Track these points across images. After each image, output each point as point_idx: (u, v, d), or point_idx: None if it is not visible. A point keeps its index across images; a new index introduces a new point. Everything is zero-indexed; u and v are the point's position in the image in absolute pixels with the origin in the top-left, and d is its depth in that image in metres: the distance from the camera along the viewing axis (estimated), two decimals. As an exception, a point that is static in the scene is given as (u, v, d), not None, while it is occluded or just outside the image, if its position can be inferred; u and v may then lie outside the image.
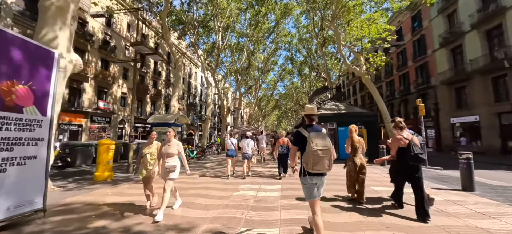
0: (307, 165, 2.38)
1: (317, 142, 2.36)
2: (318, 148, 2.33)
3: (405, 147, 3.45)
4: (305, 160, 2.39)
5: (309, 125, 2.65)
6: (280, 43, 27.72)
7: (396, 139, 3.56)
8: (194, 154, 12.62)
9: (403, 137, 3.50)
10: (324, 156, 2.34)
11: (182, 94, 34.95)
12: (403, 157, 3.51)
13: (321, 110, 12.48)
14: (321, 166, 2.35)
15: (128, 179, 7.20)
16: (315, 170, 2.37)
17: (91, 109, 18.43)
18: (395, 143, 3.58)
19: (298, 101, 42.90)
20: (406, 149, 3.44)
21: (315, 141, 2.36)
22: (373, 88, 11.86)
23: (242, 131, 24.41)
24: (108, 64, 20.95)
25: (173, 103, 12.46)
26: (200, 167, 9.77)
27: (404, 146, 3.46)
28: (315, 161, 2.34)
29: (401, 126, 3.64)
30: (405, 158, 3.46)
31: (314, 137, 2.39)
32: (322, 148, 2.34)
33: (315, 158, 2.33)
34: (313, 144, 2.34)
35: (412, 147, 3.37)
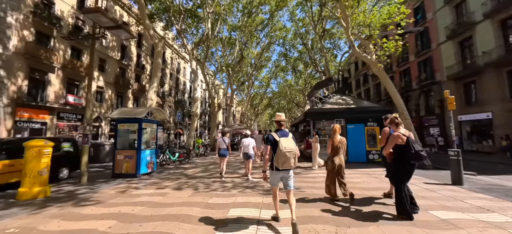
0: (278, 163, 3.01)
1: (285, 145, 3.00)
2: (286, 150, 2.97)
3: (403, 144, 3.25)
4: (276, 159, 3.02)
5: (278, 129, 3.30)
6: (274, 38, 26.10)
7: (394, 136, 3.33)
8: (176, 156, 10.54)
9: (401, 134, 3.31)
10: (291, 156, 2.99)
11: (169, 90, 32.48)
12: (402, 155, 3.29)
13: (326, 105, 10.70)
14: (288, 164, 3.00)
15: (71, 196, 5.07)
16: (283, 167, 3.01)
17: (58, 104, 15.88)
18: (392, 141, 3.33)
19: (292, 99, 41.48)
20: (405, 147, 3.24)
21: (283, 144, 2.99)
22: (386, 79, 10.20)
23: (235, 130, 22.46)
24: (80, 53, 18.35)
25: (150, 96, 10.31)
26: (180, 174, 7.74)
27: (402, 143, 3.26)
28: (283, 160, 2.97)
29: (397, 122, 3.47)
30: (405, 156, 3.25)
31: (283, 141, 3.03)
32: (289, 150, 2.98)
33: (284, 158, 2.97)
34: (282, 147, 2.97)
35: (411, 144, 3.18)
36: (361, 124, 10.02)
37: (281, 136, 3.10)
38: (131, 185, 6.01)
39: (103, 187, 5.88)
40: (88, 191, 5.39)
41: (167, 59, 32.18)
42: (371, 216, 3.45)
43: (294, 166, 3.03)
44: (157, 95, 26.18)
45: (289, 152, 2.96)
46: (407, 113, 9.62)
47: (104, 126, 20.29)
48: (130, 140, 7.47)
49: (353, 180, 6.16)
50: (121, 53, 22.65)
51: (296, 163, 3.05)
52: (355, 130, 10.01)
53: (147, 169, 7.52)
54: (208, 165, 10.03)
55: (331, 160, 4.25)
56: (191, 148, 14.63)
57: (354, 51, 10.59)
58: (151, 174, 7.73)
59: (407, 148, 3.19)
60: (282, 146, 2.96)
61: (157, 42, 11.32)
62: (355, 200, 4.07)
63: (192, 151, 13.51)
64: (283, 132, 3.20)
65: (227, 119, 27.42)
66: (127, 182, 6.39)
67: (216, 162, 11.30)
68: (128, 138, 7.51)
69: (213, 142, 21.12)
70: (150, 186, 5.87)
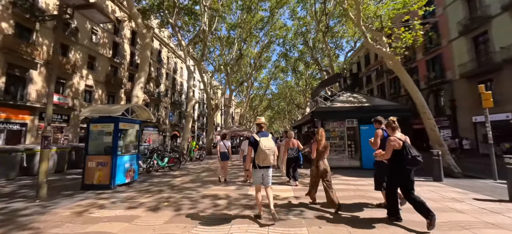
0: (258, 161, 3.37)
1: (265, 144, 3.37)
2: (266, 148, 3.34)
3: (399, 149, 3.14)
4: (257, 157, 3.38)
5: (259, 131, 3.67)
6: (274, 37, 25.05)
7: (389, 142, 3.20)
8: (165, 162, 9.25)
9: (397, 138, 3.19)
10: (270, 153, 3.35)
11: (165, 90, 31.22)
12: (398, 160, 3.16)
13: (336, 103, 9.47)
14: (267, 161, 3.36)
15: (9, 219, 3.77)
16: (263, 164, 3.37)
17: (40, 103, 14.57)
18: (390, 146, 3.18)
19: (293, 100, 40.36)
20: (400, 152, 3.13)
21: (263, 143, 3.37)
22: (403, 73, 8.99)
23: (233, 132, 21.18)
24: (67, 49, 17.09)
25: (136, 93, 9.06)
26: (166, 184, 6.45)
27: (398, 148, 3.13)
28: (263, 157, 3.34)
29: (394, 126, 3.32)
30: (400, 161, 3.13)
31: (263, 140, 3.40)
32: (268, 147, 3.35)
33: (264, 155, 3.33)
34: (262, 145, 3.35)
35: (408, 149, 3.09)
36: (376, 124, 8.78)
37: (261, 136, 3.49)
38: (98, 201, 4.73)
39: (62, 203, 4.60)
40: (36, 211, 4.11)
41: (163, 59, 30.97)
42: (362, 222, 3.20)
43: (273, 163, 3.41)
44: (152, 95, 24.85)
45: (268, 149, 3.34)
46: (429, 111, 8.41)
47: (93, 128, 18.96)
48: (106, 143, 6.18)
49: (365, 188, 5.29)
50: (113, 51, 21.41)
51: (275, 160, 3.42)
52: (370, 131, 8.76)
53: (125, 179, 6.24)
54: (201, 172, 8.74)
55: (315, 165, 4.12)
56: (184, 151, 13.34)
57: (366, 43, 9.39)
58: (131, 184, 6.44)
59: (403, 153, 3.09)
60: (262, 144, 3.34)
61: (145, 32, 10.13)
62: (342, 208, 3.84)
63: (185, 155, 12.22)
64: (263, 133, 3.61)
65: (226, 121, 26.14)
66: (95, 197, 5.11)
67: (211, 168, 10.03)
68: (102, 141, 6.22)
69: (210, 145, 19.86)
70: (121, 202, 4.60)
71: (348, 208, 4.01)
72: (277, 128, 65.46)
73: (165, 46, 30.65)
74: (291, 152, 6.29)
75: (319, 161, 4.06)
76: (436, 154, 6.47)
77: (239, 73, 27.62)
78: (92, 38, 19.17)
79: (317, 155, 4.06)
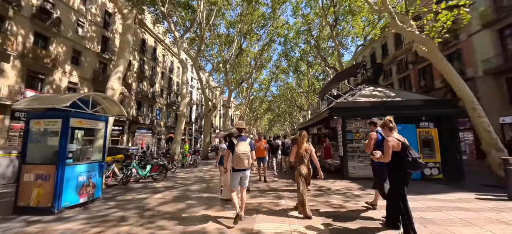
0: (234, 164, 3.59)
1: (240, 148, 3.56)
2: (241, 152, 3.53)
3: (398, 151, 2.89)
4: (233, 160, 3.60)
5: (238, 135, 3.75)
6: (276, 36, 23.59)
7: (387, 144, 2.92)
8: (147, 170, 7.44)
9: (395, 139, 2.94)
10: (244, 157, 3.54)
11: (161, 90, 29.45)
12: (397, 163, 2.90)
13: (358, 98, 7.73)
14: (242, 164, 3.54)
15: None
16: (238, 167, 3.56)
17: (12, 101, 12.75)
18: (389, 147, 2.90)
19: (295, 102, 38.78)
20: (399, 154, 2.89)
21: (239, 147, 3.56)
22: (442, 60, 7.33)
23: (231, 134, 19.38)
24: (48, 41, 15.34)
25: (111, 84, 7.29)
26: (137, 205, 4.66)
27: (397, 149, 2.90)
28: (238, 161, 3.54)
29: (390, 126, 3.08)
30: (400, 164, 2.88)
31: (239, 144, 3.58)
32: (243, 152, 3.55)
33: (238, 159, 3.53)
34: (237, 149, 3.55)
35: (407, 150, 2.85)
36: (410, 124, 7.05)
37: (239, 140, 3.65)
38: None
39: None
40: None
41: (159, 57, 29.25)
42: None
43: (248, 166, 3.59)
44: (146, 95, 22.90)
45: (243, 153, 3.55)
46: (481, 108, 6.69)
47: (77, 129, 17.12)
48: (51, 147, 4.39)
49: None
50: (102, 46, 19.68)
51: (249, 164, 3.60)
52: (403, 132, 6.98)
53: (79, 198, 4.44)
54: (191, 184, 6.94)
55: (298, 170, 3.91)
56: (175, 156, 11.53)
57: (394, 26, 7.69)
58: (88, 205, 4.64)
59: (403, 155, 2.84)
60: (237, 148, 3.55)
61: (126, 12, 8.37)
62: None
63: (175, 161, 10.41)
64: (242, 137, 3.73)
65: (225, 122, 24.36)
66: (21, 229, 3.32)
67: (205, 177, 8.23)
68: (46, 143, 4.43)
69: (206, 148, 18.05)
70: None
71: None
72: (277, 131, 63.80)
73: (160, 43, 28.92)
74: None
75: (301, 165, 3.90)
76: (511, 162, 4.70)
77: (238, 73, 26.01)
78: (78, 31, 17.44)
79: (297, 159, 3.94)
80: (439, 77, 17.83)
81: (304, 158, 3.89)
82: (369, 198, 4.65)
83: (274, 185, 6.39)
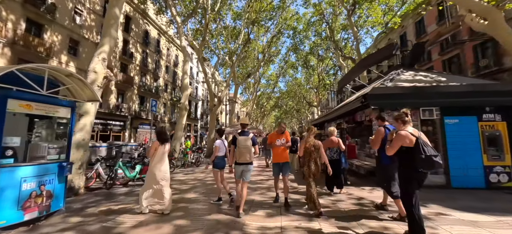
0: (236, 157, 3.79)
1: (241, 142, 3.75)
2: (242, 147, 3.73)
3: (411, 147, 2.49)
4: (235, 154, 3.80)
5: (242, 131, 3.96)
6: (284, 27, 22.08)
7: (401, 136, 2.55)
8: (136, 171, 6.12)
9: (409, 133, 2.54)
10: (245, 152, 3.72)
11: (165, 85, 28.36)
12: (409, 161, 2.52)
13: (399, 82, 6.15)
14: (243, 158, 3.73)
15: None
16: (240, 161, 3.75)
17: (2, 92, 11.77)
18: (399, 141, 2.56)
19: (304, 97, 37.12)
20: (412, 150, 2.48)
21: (240, 142, 3.76)
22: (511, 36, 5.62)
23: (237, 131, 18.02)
24: (41, 29, 14.30)
25: (94, 66, 5.99)
26: (106, 226, 3.28)
27: (410, 145, 2.50)
28: (239, 154, 3.74)
29: (406, 119, 2.66)
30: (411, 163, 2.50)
31: (240, 139, 3.78)
32: (244, 146, 3.73)
33: (239, 153, 3.74)
34: (239, 144, 3.76)
35: (421, 146, 2.42)
36: (470, 116, 5.43)
37: (241, 135, 3.86)
38: None
39: None
40: None
41: (162, 49, 28.12)
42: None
43: (249, 160, 3.75)
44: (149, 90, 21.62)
45: (244, 147, 3.73)
46: None
47: (75, 124, 16.14)
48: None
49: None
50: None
51: (251, 158, 3.76)
52: (460, 127, 5.41)
53: (24, 214, 3.11)
54: (188, 190, 5.56)
55: (307, 166, 3.82)
56: (175, 154, 10.24)
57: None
58: (39, 222, 3.31)
59: (416, 152, 2.45)
60: (239, 143, 3.76)
61: (114, -18, 7.01)
62: None
63: (174, 159, 9.11)
64: (244, 132, 3.91)
65: (231, 119, 23.02)
66: None
67: (207, 180, 6.87)
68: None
69: (211, 145, 16.75)
70: None
71: None
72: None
73: (163, 35, 27.68)
74: (331, 153, 4.96)
75: (310, 161, 3.79)
76: None
77: (245, 68, 24.62)
78: (75, 19, 16.38)
79: (305, 155, 3.85)
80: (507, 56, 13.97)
81: (312, 154, 3.80)
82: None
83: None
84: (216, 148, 4.46)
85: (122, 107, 20.15)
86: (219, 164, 4.48)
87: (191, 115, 35.58)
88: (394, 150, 2.61)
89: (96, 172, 6.20)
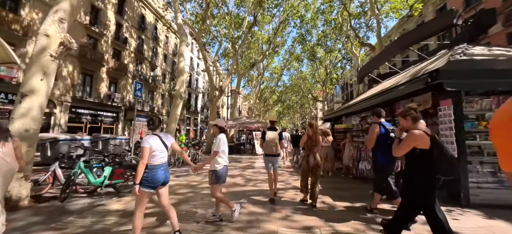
0: (264, 150, 4.30)
1: (269, 136, 4.25)
2: (269, 140, 4.23)
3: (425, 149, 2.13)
4: (263, 147, 4.33)
5: (271, 126, 4.50)
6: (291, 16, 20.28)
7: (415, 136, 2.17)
8: (105, 176, 4.41)
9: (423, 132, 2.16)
10: (272, 144, 4.20)
11: (162, 75, 26.59)
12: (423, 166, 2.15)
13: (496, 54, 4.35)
14: (270, 150, 4.21)
15: None
16: (267, 152, 4.24)
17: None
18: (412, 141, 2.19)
19: (310, 91, 35.33)
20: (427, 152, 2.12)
21: (268, 136, 4.26)
22: None
23: (242, 124, 16.36)
24: (18, 4, 12.51)
25: (46, 28, 4.25)
26: None
27: (425, 146, 2.13)
28: (266, 146, 4.25)
29: (415, 115, 2.30)
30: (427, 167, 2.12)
31: (268, 133, 4.29)
32: (270, 139, 4.22)
33: (267, 146, 4.23)
34: (267, 137, 4.26)
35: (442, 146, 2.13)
36: None
37: (269, 130, 4.38)
38: None
39: None
40: None
41: (160, 37, 26.24)
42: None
43: (276, 152, 4.21)
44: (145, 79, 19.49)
45: (271, 140, 4.21)
46: None
47: (59, 114, 14.49)
48: None
49: None
50: (91, 17, 16.77)
51: (277, 150, 4.22)
52: None
53: None
54: (179, 202, 3.88)
55: (305, 159, 3.98)
56: (168, 150, 8.57)
57: None
58: None
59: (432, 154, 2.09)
60: (267, 137, 4.27)
61: None
62: None
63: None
64: (272, 128, 4.44)
65: (233, 112, 21.29)
66: None
67: (201, 189, 5.16)
68: None
69: (211, 140, 15.08)
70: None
71: None
72: (285, 124, 60.78)
73: (160, 20, 25.63)
74: None
75: (309, 156, 3.93)
76: None
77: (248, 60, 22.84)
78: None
79: (307, 149, 3.99)
80: None
81: (312, 148, 3.93)
82: None
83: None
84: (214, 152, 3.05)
85: (114, 97, 18.44)
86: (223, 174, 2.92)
87: (191, 108, 33.87)
88: (404, 151, 2.28)
89: (51, 175, 4.52)
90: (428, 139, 2.14)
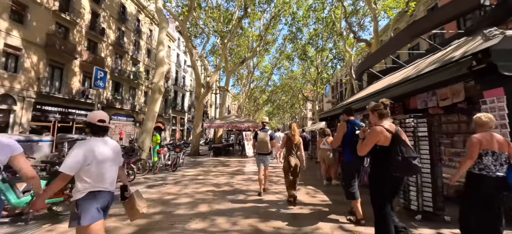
0: (257, 149, 4.73)
1: (260, 136, 4.68)
2: (260, 139, 4.65)
3: (387, 146, 2.09)
4: (256, 146, 4.76)
5: (262, 127, 4.95)
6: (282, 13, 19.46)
7: (375, 132, 2.13)
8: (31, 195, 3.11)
9: (384, 129, 2.11)
10: (263, 144, 4.62)
11: (146, 71, 24.76)
12: (383, 162, 2.11)
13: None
14: (261, 149, 4.65)
15: None
16: (259, 151, 4.68)
17: None
18: (373, 138, 2.15)
19: (301, 91, 34.79)
20: (387, 149, 2.08)
21: (260, 136, 4.69)
22: None
23: (231, 124, 15.17)
24: None
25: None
26: None
27: (386, 143, 2.09)
28: (258, 146, 4.68)
29: (383, 112, 2.23)
30: (386, 164, 2.06)
31: (260, 134, 4.73)
32: (262, 139, 4.63)
33: (258, 145, 4.66)
34: (258, 137, 4.69)
35: (399, 146, 2.02)
36: None
37: (261, 131, 4.80)
38: None
39: None
40: None
41: (143, 29, 24.42)
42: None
43: (267, 151, 4.64)
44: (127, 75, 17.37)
45: (262, 140, 4.64)
46: None
47: (20, 111, 12.59)
48: None
49: None
50: (61, 2, 14.89)
51: (268, 150, 4.65)
52: None
53: None
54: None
55: (287, 160, 4.15)
56: (144, 153, 7.26)
57: None
58: None
59: (391, 151, 2.03)
60: (259, 137, 4.69)
61: None
62: None
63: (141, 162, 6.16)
64: (264, 129, 4.85)
65: (221, 111, 20.00)
66: None
67: (179, 201, 3.98)
68: None
69: (197, 141, 13.79)
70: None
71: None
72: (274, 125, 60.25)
73: (143, 11, 23.73)
74: None
75: (289, 156, 4.13)
76: None
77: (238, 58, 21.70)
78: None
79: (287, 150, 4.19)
80: None
81: (292, 150, 4.15)
82: None
83: None
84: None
85: (88, 93, 16.60)
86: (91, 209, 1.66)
87: (177, 107, 32.14)
88: (367, 148, 2.19)
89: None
90: (388, 136, 2.08)
